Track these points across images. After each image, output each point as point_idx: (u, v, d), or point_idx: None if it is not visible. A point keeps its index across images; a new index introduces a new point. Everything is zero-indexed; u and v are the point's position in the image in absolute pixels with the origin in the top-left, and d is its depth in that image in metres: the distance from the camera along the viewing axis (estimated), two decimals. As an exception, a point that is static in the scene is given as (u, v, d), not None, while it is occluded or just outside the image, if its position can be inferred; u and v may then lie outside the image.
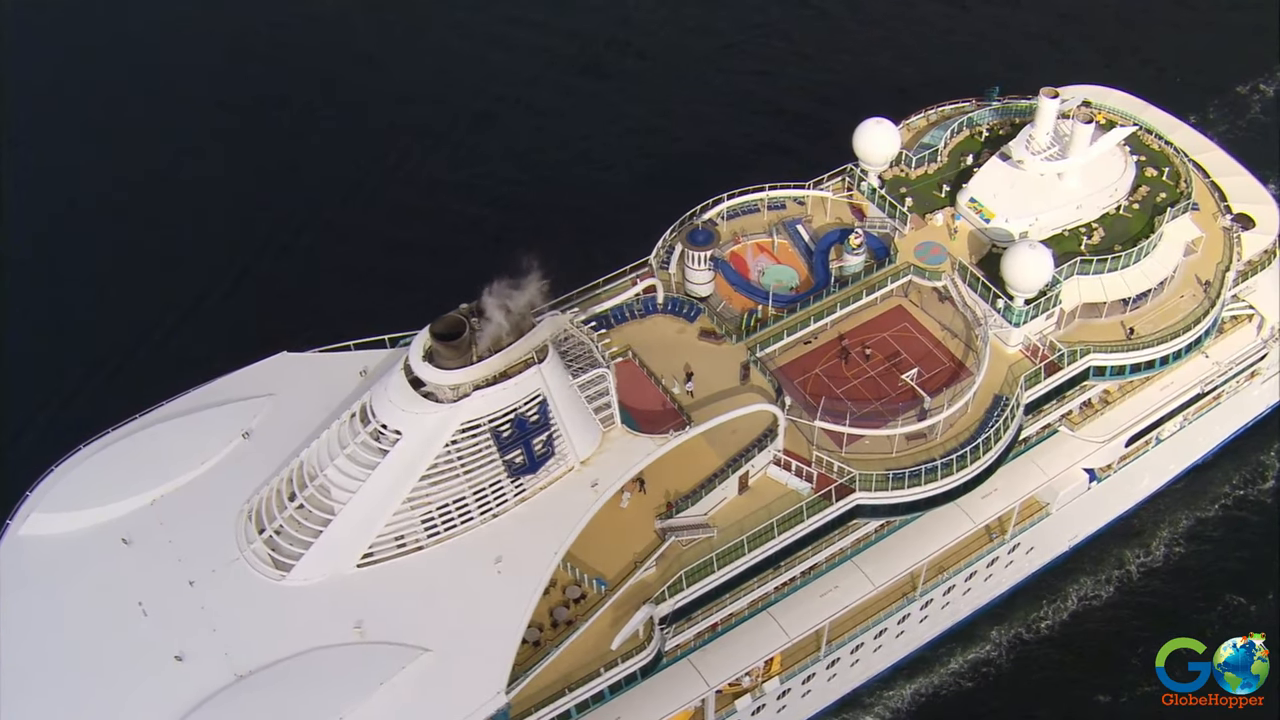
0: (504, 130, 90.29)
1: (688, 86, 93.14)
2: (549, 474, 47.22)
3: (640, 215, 63.46)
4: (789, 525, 50.56)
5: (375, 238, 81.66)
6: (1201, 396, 65.54)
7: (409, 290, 72.85)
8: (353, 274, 78.69)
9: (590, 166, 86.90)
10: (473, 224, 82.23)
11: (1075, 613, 66.88)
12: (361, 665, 42.56)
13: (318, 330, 56.86)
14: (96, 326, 76.64)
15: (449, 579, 44.92)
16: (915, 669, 65.04)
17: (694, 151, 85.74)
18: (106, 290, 78.88)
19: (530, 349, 45.39)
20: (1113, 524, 69.36)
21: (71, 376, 72.91)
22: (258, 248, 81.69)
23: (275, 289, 78.46)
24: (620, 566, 48.40)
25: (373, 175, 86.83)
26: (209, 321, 76.56)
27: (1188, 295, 59.52)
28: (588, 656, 47.15)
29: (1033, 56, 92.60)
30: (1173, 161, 61.97)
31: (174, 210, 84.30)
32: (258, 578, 44.79)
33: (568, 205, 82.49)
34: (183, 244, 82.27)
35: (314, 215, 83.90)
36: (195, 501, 47.46)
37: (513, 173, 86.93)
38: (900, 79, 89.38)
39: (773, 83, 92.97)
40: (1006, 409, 54.00)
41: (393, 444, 44.49)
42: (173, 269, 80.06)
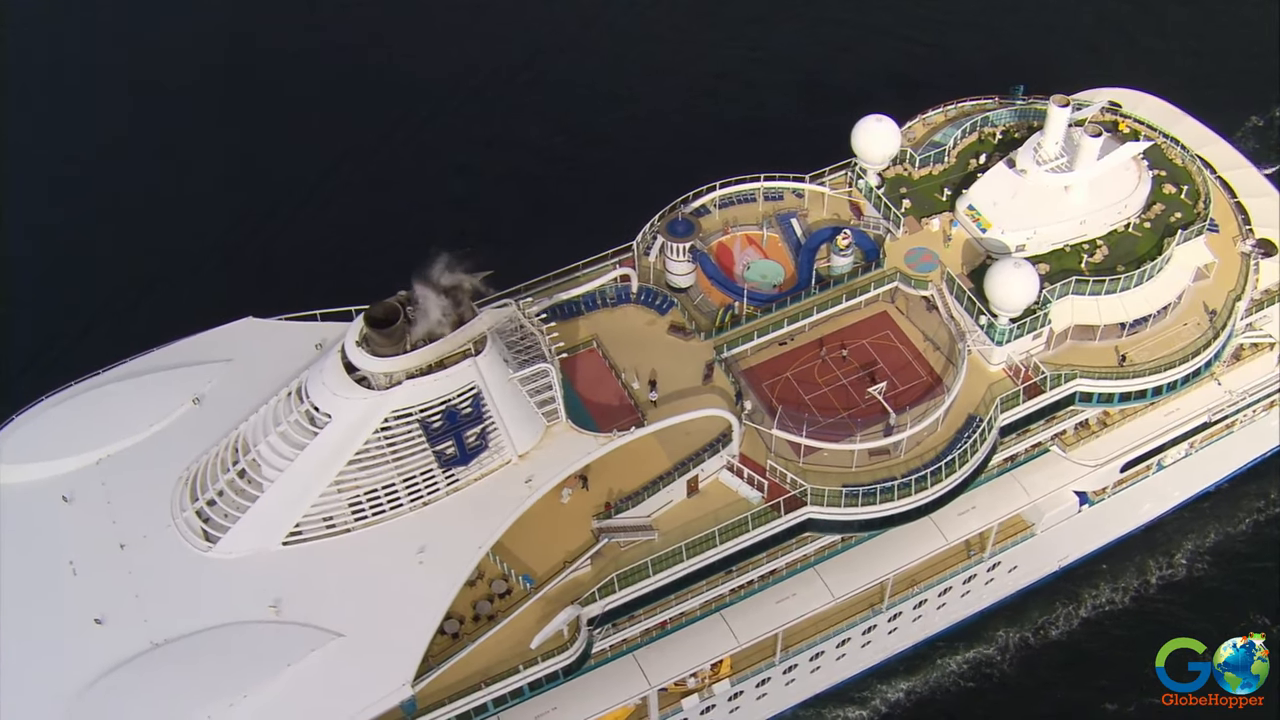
0: (519, 100, 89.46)
1: (719, 63, 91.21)
2: (483, 466, 46.75)
3: (638, 199, 61.91)
4: (732, 535, 49.49)
5: (387, 204, 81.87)
6: (1210, 425, 62.53)
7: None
8: (361, 240, 78.81)
9: (596, 144, 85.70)
10: (477, 196, 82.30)
11: (1086, 619, 65.60)
12: (272, 645, 42.83)
13: (311, 297, 56.15)
14: (92, 279, 78.16)
15: (371, 565, 44.85)
16: (914, 666, 64.00)
17: (708, 135, 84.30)
18: (103, 242, 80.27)
19: (466, 340, 44.76)
20: (1109, 547, 67.00)
21: (52, 333, 74.18)
22: (264, 211, 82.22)
23: (275, 253, 79.05)
24: (552, 564, 47.98)
25: (386, 142, 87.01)
26: (209, 282, 77.43)
27: (1192, 323, 56.51)
28: (512, 652, 46.86)
29: (1071, 56, 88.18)
30: (1194, 179, 58.55)
31: (177, 167, 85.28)
32: (186, 547, 45.23)
33: (573, 181, 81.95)
34: (186, 202, 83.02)
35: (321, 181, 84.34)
36: (139, 464, 47.97)
37: (523, 145, 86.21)
38: (929, 69, 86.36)
39: (807, 65, 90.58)
40: (978, 431, 51.98)
41: (322, 426, 44.36)
42: (179, 222, 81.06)
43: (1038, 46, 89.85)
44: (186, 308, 68.96)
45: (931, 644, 64.40)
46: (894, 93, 76.42)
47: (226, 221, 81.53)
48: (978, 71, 79.24)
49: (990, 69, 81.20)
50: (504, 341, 48.11)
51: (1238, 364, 63.40)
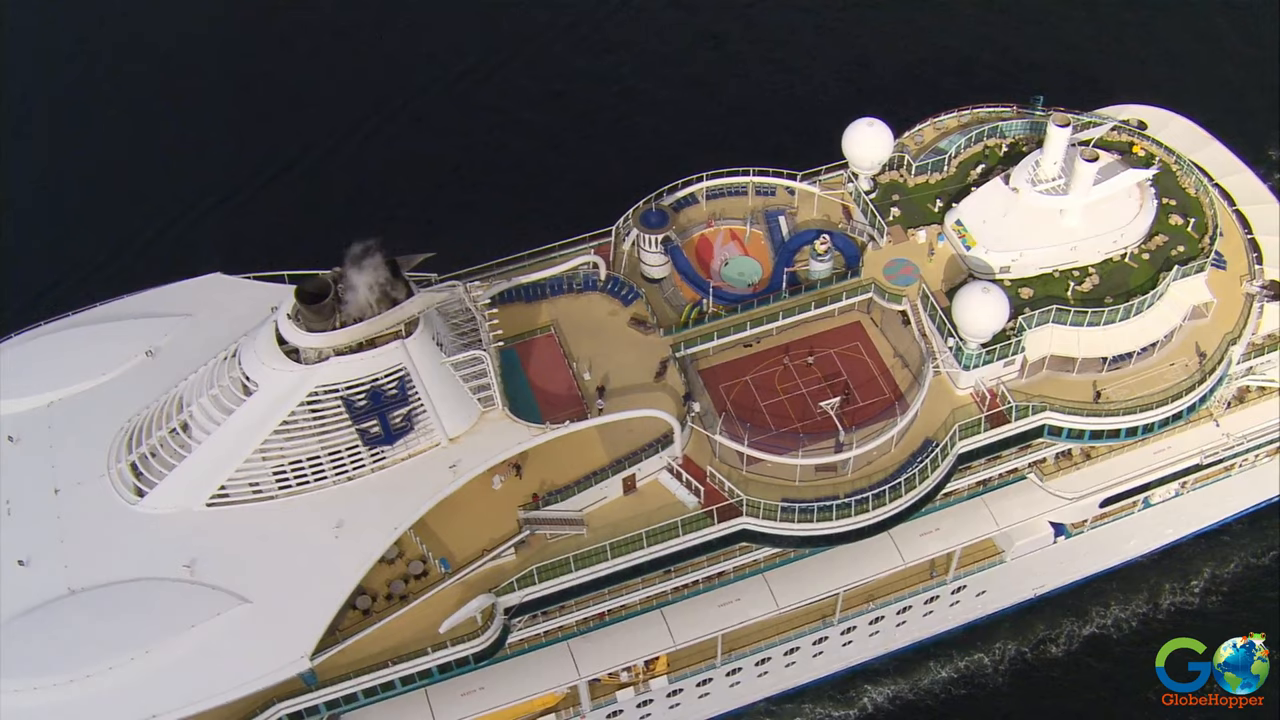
0: (536, 74, 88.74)
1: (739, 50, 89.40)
2: (410, 447, 46.84)
3: (631, 183, 60.80)
4: (661, 539, 48.89)
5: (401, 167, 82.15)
6: (1204, 467, 59.92)
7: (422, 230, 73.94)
8: (353, 208, 79.64)
9: (595, 126, 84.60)
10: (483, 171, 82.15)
11: (1089, 637, 64.47)
12: (181, 604, 43.69)
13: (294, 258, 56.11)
14: (89, 228, 79.78)
15: (288, 535, 45.39)
16: (905, 669, 63.42)
17: (717, 123, 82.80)
18: (100, 193, 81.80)
19: (396, 321, 44.67)
20: (1090, 580, 64.98)
21: (35, 282, 75.59)
22: (277, 168, 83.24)
23: (267, 213, 79.88)
24: (476, 549, 48.00)
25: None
26: (197, 237, 78.69)
27: (1180, 364, 53.89)
28: (426, 633, 47.06)
29: (1109, 68, 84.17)
30: (1203, 212, 55.58)
31: (177, 122, 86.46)
32: (115, 498, 46.21)
33: (567, 163, 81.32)
34: (182, 158, 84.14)
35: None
36: (86, 411, 49.04)
37: (520, 125, 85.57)
38: (954, 72, 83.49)
39: (833, 59, 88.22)
40: (929, 456, 50.44)
41: (250, 394, 44.82)
42: (174, 178, 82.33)
43: (1073, 56, 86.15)
44: (172, 261, 69.62)
45: (923, 650, 63.49)
46: (913, 92, 74.27)
47: (222, 180, 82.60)
48: (1002, 78, 76.94)
49: (1017, 76, 78.78)
50: (448, 324, 47.96)
51: (1240, 406, 60.57)
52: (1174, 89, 71.13)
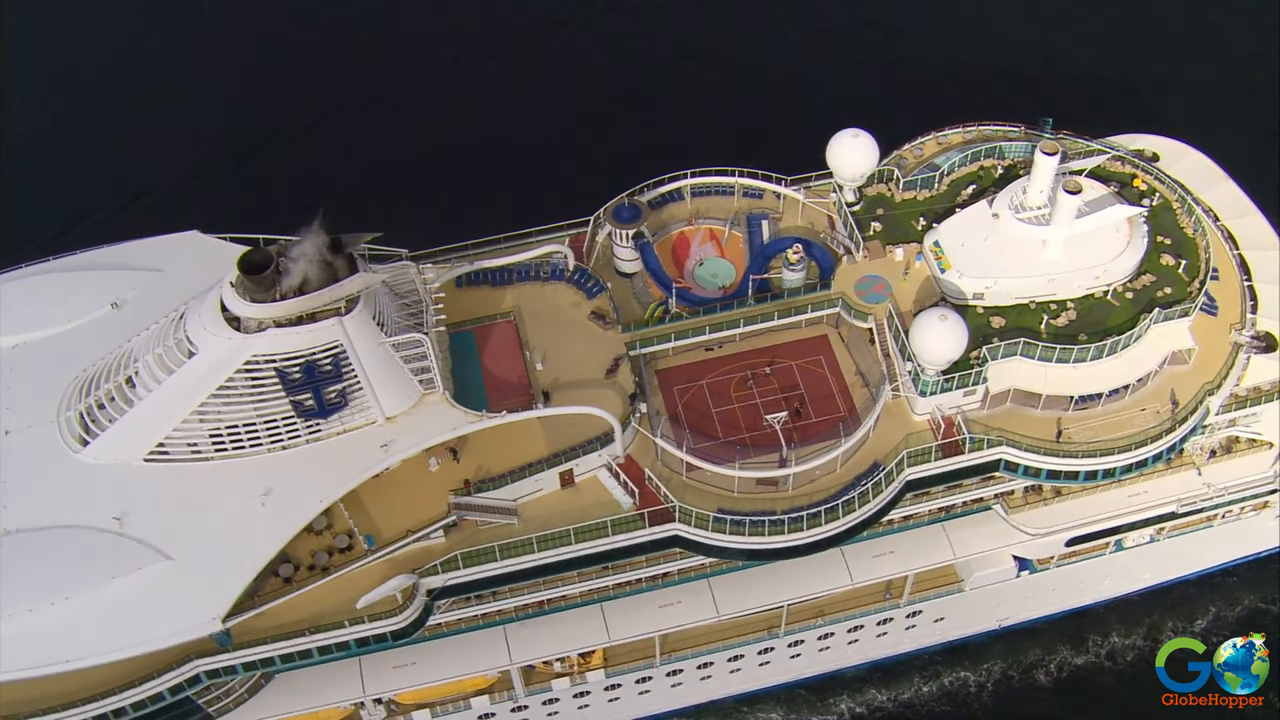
0: (558, 58, 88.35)
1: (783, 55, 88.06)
2: (344, 422, 47.25)
3: (625, 173, 60.29)
4: (588, 537, 48.80)
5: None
6: (1180, 515, 58.08)
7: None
8: (357, 179, 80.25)
9: (599, 113, 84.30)
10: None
11: (1081, 666, 63.71)
12: (105, 555, 44.69)
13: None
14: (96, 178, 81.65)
15: (217, 497, 46.12)
16: (888, 681, 63.16)
17: (720, 121, 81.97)
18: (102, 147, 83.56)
19: (335, 298, 45.05)
20: (1060, 616, 63.59)
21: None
22: (265, 136, 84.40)
23: (268, 176, 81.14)
24: (402, 529, 48.34)
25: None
26: (193, 195, 79.96)
27: (1151, 410, 52.09)
28: (349, 606, 47.57)
29: (1131, 95, 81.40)
30: (1197, 255, 53.48)
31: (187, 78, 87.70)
32: (60, 444, 47.35)
33: (566, 148, 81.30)
34: (187, 117, 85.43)
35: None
36: (47, 357, 50.19)
37: (555, 105, 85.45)
38: (974, 86, 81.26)
39: (856, 64, 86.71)
40: (872, 480, 49.52)
41: (189, 356, 45.57)
42: (175, 136, 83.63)
43: (1101, 80, 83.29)
44: (164, 216, 70.41)
45: (909, 664, 63.15)
46: (930, 102, 72.29)
47: (224, 141, 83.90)
48: (1021, 96, 74.47)
49: (1037, 95, 76.35)
50: (398, 304, 48.16)
51: (1226, 457, 58.54)
52: (1202, 122, 68.32)
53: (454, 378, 51.24)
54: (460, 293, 54.50)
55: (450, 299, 53.98)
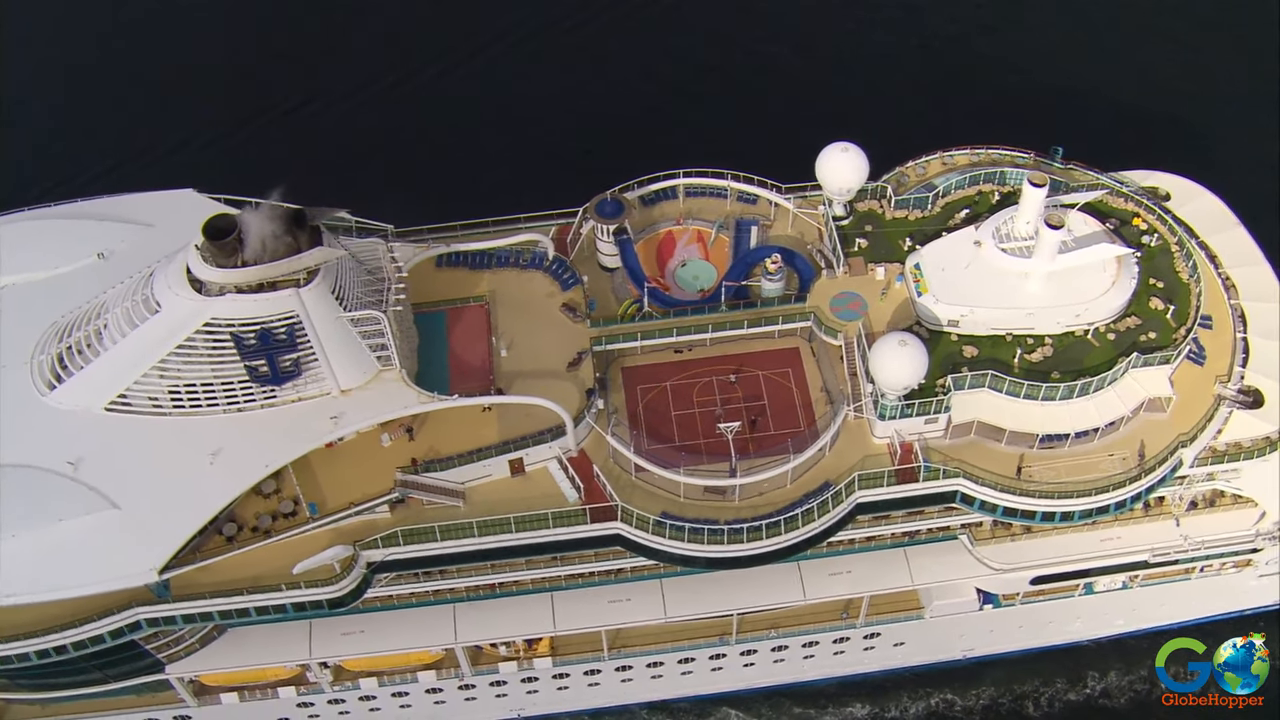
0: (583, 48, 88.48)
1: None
2: (299, 391, 48.12)
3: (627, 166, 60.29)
4: (529, 526, 49.11)
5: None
6: (1153, 565, 56.67)
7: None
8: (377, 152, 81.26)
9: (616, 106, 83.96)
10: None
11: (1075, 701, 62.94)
12: (54, 497, 46.25)
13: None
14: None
15: (169, 452, 47.36)
16: (875, 696, 62.81)
17: (734, 122, 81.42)
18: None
19: (293, 270, 45.76)
20: (1031, 653, 62.47)
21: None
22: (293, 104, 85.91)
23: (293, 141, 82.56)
24: (349, 500, 49.09)
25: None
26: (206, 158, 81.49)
27: (1119, 456, 50.78)
28: (287, 571, 48.59)
29: (1152, 129, 78.85)
30: (1188, 302, 51.90)
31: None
32: (28, 386, 49.00)
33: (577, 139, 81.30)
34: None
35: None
36: (31, 300, 51.94)
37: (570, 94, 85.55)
38: (997, 109, 79.40)
39: (883, 78, 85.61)
40: (822, 500, 49.06)
41: (152, 313, 46.74)
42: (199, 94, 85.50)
43: (1130, 110, 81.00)
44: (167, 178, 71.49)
45: (898, 681, 62.80)
46: (940, 123, 70.94)
47: (239, 108, 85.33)
48: (1041, 123, 72.35)
49: (1057, 122, 74.25)
50: (362, 280, 48.75)
51: (1209, 510, 56.88)
52: (1233, 166, 65.96)
53: (420, 357, 51.90)
54: (439, 273, 55.09)
55: (429, 278, 54.90)
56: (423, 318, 53.46)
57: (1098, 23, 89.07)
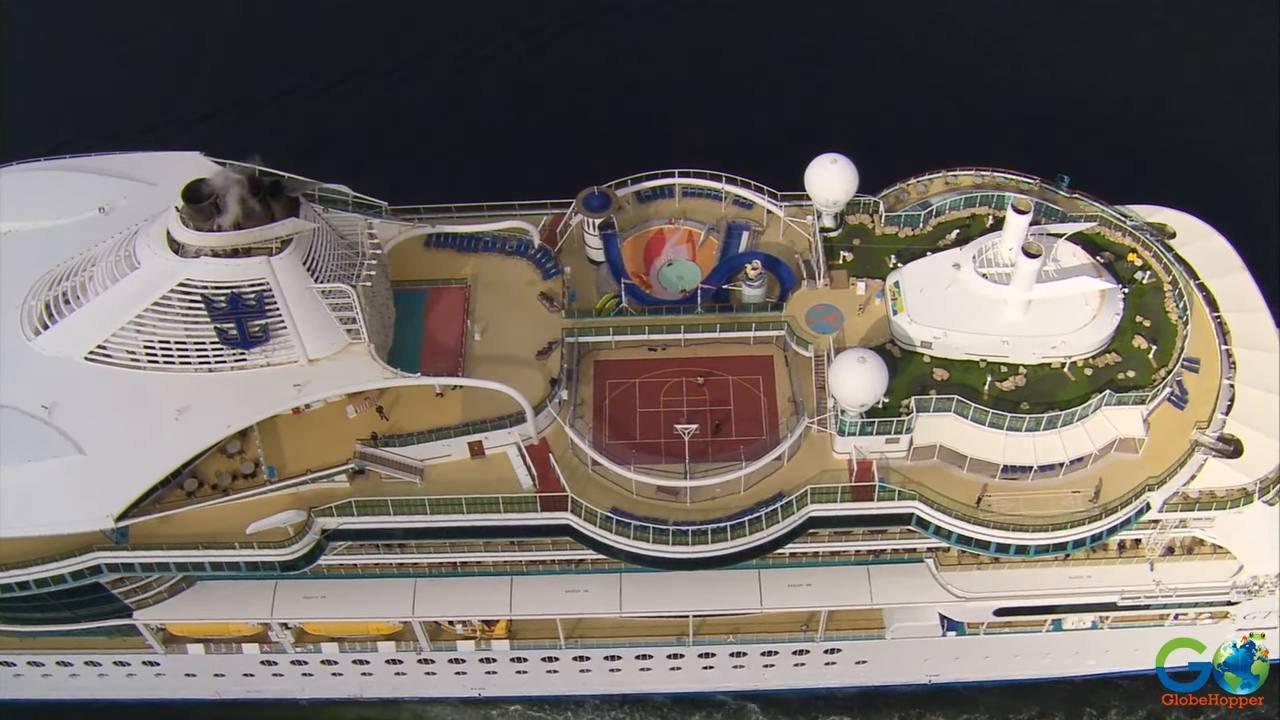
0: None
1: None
2: (268, 357, 49.29)
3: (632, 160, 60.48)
4: (479, 509, 49.71)
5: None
6: (1123, 608, 55.58)
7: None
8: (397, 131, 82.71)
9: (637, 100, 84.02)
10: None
11: None
12: (24, 437, 48.02)
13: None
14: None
15: (138, 404, 48.91)
16: (866, 711, 62.82)
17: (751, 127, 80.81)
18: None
19: (265, 238, 46.87)
20: (1001, 684, 61.77)
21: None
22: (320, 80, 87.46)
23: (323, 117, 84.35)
24: (306, 467, 50.13)
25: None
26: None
27: (1083, 494, 49.84)
28: (242, 530, 49.93)
29: (1171, 165, 76.79)
30: (1172, 344, 50.67)
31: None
32: (16, 330, 50.92)
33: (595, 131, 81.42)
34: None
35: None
36: (31, 247, 53.82)
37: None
38: (1010, 133, 78.07)
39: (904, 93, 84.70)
40: (771, 510, 48.91)
41: (132, 270, 48.21)
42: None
43: (1143, 144, 79.12)
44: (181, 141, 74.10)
45: (890, 698, 62.58)
46: (953, 142, 69.79)
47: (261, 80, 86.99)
48: (1055, 149, 71.02)
49: (1069, 150, 72.67)
50: (338, 253, 49.66)
51: (1188, 558, 55.61)
52: (1246, 208, 64.06)
53: (396, 333, 52.82)
54: (426, 252, 55.97)
55: (416, 257, 55.88)
56: (404, 295, 54.39)
57: (1130, 55, 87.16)
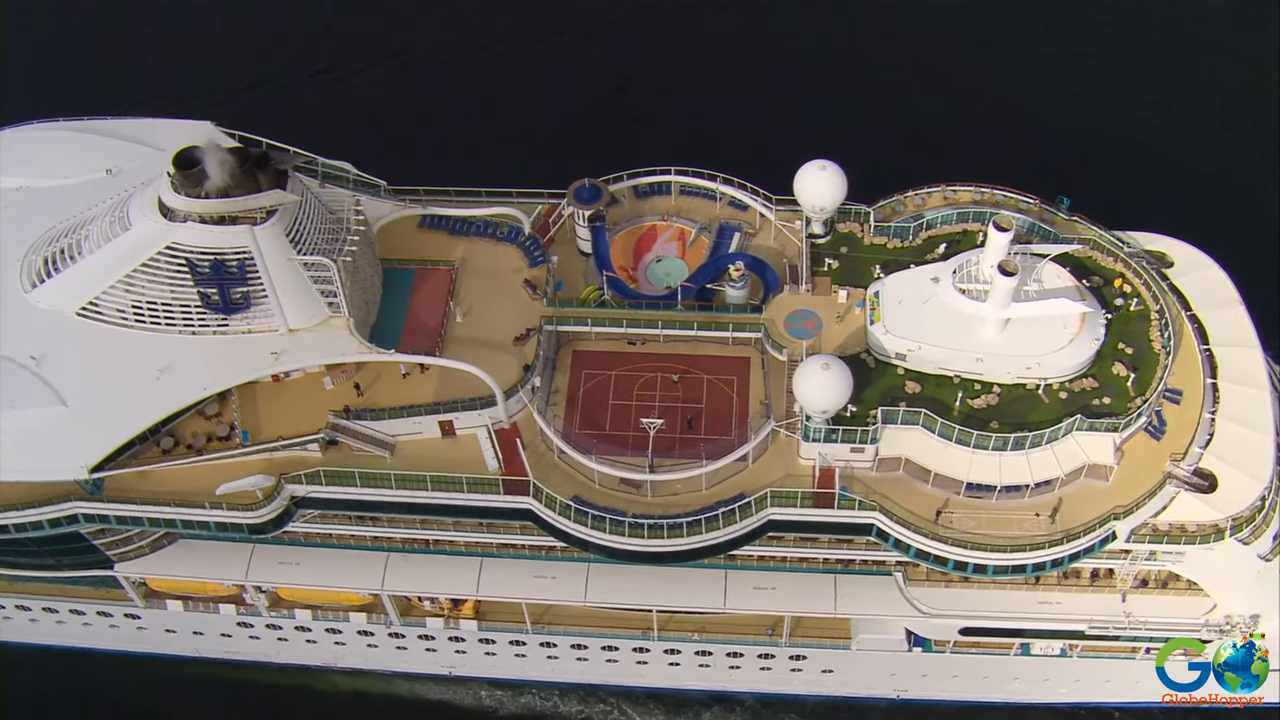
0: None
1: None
2: (250, 324, 50.45)
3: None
4: (443, 487, 50.47)
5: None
6: (1090, 637, 54.95)
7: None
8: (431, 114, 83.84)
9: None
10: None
11: None
12: (12, 386, 49.60)
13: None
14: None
15: (123, 362, 50.32)
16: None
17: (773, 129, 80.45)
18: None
19: (250, 208, 48.06)
20: (971, 705, 61.34)
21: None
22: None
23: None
24: (279, 434, 51.26)
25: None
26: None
27: (1045, 517, 49.39)
28: (219, 490, 51.25)
29: (1184, 194, 75.60)
30: (1153, 374, 49.98)
31: None
32: (15, 282, 52.67)
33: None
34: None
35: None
36: (39, 203, 55.54)
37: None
38: (1031, 152, 77.32)
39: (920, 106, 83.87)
40: (728, 510, 49.08)
41: (123, 231, 49.67)
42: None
43: (1166, 174, 77.67)
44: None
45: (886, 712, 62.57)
46: (973, 159, 68.89)
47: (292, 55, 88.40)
48: (1064, 171, 70.05)
49: (1081, 173, 72.01)
50: (325, 227, 50.67)
51: (1161, 591, 54.81)
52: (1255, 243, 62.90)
53: (381, 310, 53.79)
54: (420, 233, 56.97)
55: (409, 237, 56.98)
56: (393, 273, 55.31)
57: (1153, 81, 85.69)
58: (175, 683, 64.80)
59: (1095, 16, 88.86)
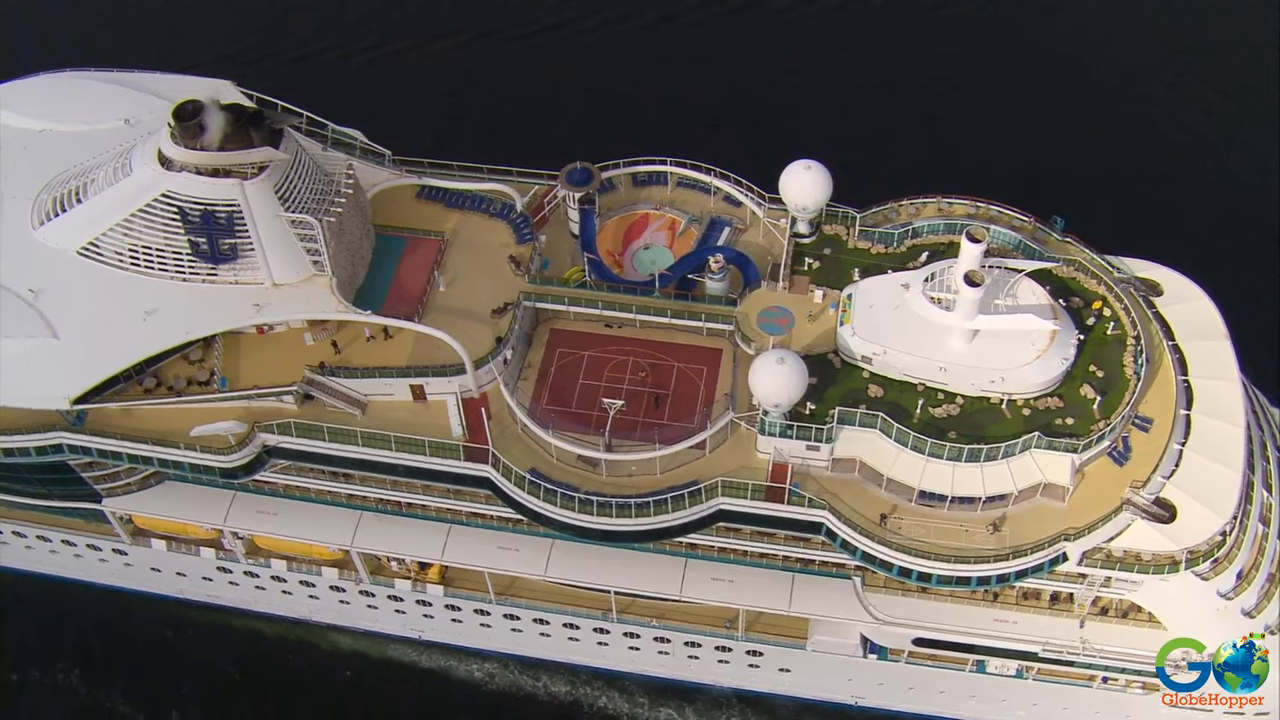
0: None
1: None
2: (237, 275, 52.25)
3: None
4: (406, 448, 51.76)
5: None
6: (1043, 660, 54.61)
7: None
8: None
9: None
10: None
11: None
12: (9, 315, 51.96)
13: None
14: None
15: (115, 302, 52.46)
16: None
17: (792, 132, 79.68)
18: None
19: (241, 162, 49.86)
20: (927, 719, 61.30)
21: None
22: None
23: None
24: (255, 383, 53.00)
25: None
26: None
27: (997, 532, 49.21)
28: (198, 435, 53.15)
29: (1192, 225, 74.44)
30: (1120, 399, 49.54)
31: None
32: (24, 219, 55.11)
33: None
34: None
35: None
36: (58, 146, 57.97)
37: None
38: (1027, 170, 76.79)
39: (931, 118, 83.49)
40: (678, 495, 49.68)
41: (125, 176, 51.80)
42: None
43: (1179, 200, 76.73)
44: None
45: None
46: (977, 174, 68.57)
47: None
48: (1070, 193, 69.38)
49: (1084, 196, 71.49)
50: (315, 188, 52.27)
51: (1121, 620, 54.26)
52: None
53: (369, 273, 55.33)
54: (416, 203, 58.47)
55: (406, 206, 58.64)
56: (385, 239, 56.81)
57: (1166, 111, 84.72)
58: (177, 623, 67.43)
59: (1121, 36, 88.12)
